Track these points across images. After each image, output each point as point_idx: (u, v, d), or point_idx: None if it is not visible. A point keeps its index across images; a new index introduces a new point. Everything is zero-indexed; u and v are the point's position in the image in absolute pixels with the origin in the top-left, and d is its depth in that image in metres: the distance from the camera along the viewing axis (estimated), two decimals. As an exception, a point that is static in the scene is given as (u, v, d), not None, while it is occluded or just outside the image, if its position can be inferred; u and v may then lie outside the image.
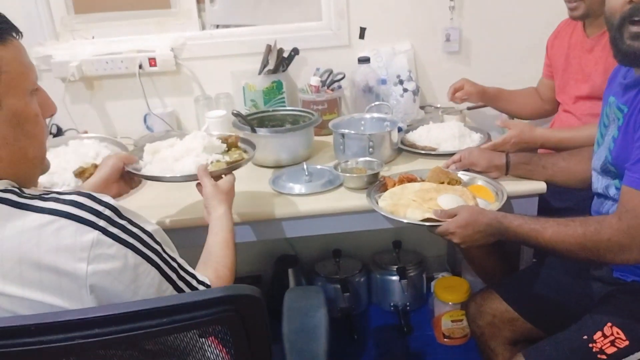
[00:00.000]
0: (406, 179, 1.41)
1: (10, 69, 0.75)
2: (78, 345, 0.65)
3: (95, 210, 0.73)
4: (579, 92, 1.59)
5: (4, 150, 0.76)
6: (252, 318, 0.71)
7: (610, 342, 1.09)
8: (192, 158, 1.23)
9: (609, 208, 1.17)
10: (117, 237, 0.74)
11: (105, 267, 0.72)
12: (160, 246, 0.80)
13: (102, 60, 1.90)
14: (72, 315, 0.65)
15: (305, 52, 1.94)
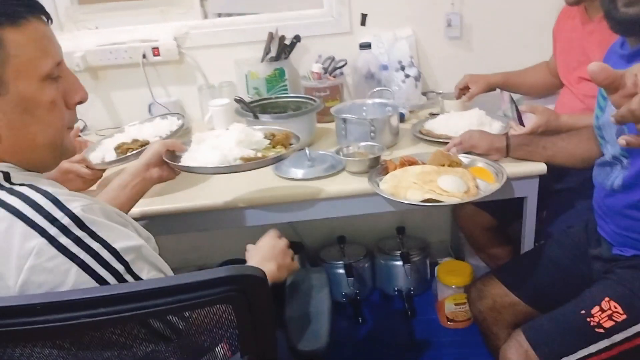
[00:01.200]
0: (407, 162, 1.42)
1: (22, 53, 0.73)
2: (84, 324, 0.66)
3: (52, 217, 0.70)
4: (581, 73, 1.59)
5: (9, 134, 0.75)
6: (256, 298, 0.73)
7: (607, 316, 1.11)
8: (224, 151, 1.20)
9: (618, 174, 1.17)
10: (65, 249, 0.69)
11: (38, 280, 0.69)
12: (126, 265, 0.74)
13: (106, 50, 1.92)
14: (78, 294, 0.66)
15: (307, 39, 1.95)
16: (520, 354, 1.16)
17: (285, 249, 1.15)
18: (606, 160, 1.23)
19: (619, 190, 1.17)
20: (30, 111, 0.75)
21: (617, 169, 1.18)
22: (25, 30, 0.74)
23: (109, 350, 0.72)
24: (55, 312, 0.65)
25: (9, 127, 0.75)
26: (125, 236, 0.76)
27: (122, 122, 2.03)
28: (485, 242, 1.86)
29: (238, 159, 1.19)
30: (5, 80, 0.72)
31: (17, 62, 0.73)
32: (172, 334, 0.74)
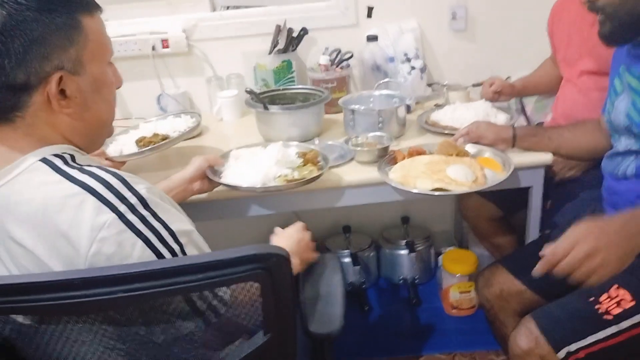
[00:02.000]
0: (415, 152, 1.45)
1: (96, 38, 0.83)
2: (120, 299, 0.69)
3: (121, 195, 0.76)
4: (584, 66, 1.61)
5: (82, 111, 0.84)
6: (280, 276, 0.76)
7: (616, 303, 1.12)
8: (264, 169, 1.32)
9: (631, 162, 1.19)
10: (132, 225, 0.76)
11: (108, 251, 0.75)
12: (181, 247, 0.81)
13: (115, 42, 1.87)
14: (115, 270, 0.69)
15: (314, 31, 1.97)
16: (530, 340, 1.18)
17: (310, 243, 1.21)
18: (618, 152, 1.25)
19: (632, 178, 1.19)
20: (99, 90, 0.86)
21: (630, 159, 1.20)
22: (97, 20, 0.85)
23: (146, 326, 0.76)
24: (94, 286, 0.68)
25: (83, 104, 0.83)
26: (180, 219, 0.84)
27: (131, 113, 2.06)
28: (490, 232, 1.88)
29: (277, 178, 1.32)
30: (83, 62, 0.82)
31: (93, 46, 0.83)
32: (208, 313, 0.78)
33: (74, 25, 0.80)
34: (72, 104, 0.82)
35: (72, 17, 0.80)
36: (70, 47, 0.80)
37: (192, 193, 1.30)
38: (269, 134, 1.68)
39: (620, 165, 1.22)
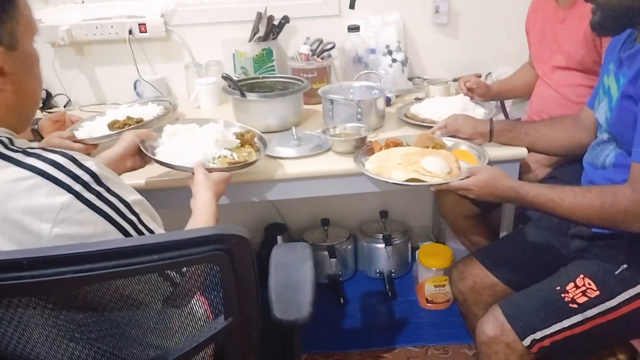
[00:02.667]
0: (392, 144, 1.44)
1: (27, 13, 0.81)
2: (68, 280, 0.66)
3: (74, 174, 0.75)
4: (555, 62, 1.62)
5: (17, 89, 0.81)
6: (240, 258, 0.74)
7: (581, 292, 1.14)
8: (202, 149, 1.27)
9: (610, 152, 1.20)
10: (91, 203, 0.75)
11: (70, 232, 0.74)
12: (138, 217, 0.81)
13: (92, 25, 1.90)
14: (62, 250, 0.66)
15: (296, 20, 1.95)
16: (496, 327, 1.19)
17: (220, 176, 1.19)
18: (599, 141, 1.26)
19: (610, 168, 1.19)
20: (30, 67, 0.84)
21: (610, 148, 1.21)
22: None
23: (101, 309, 0.73)
24: (39, 267, 0.65)
25: (18, 81, 0.81)
26: (131, 191, 0.83)
27: (106, 98, 2.02)
28: (467, 229, 1.88)
29: (217, 159, 1.28)
30: (18, 37, 0.79)
31: (25, 21, 0.80)
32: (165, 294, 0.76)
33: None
34: (9, 81, 0.80)
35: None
36: (7, 22, 0.78)
37: (124, 170, 1.24)
38: (246, 122, 1.64)
39: (600, 155, 1.23)
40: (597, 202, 1.09)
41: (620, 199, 1.06)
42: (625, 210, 1.06)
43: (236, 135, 1.38)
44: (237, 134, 1.39)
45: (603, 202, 1.08)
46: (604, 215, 1.09)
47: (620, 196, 1.06)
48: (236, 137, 1.37)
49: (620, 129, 1.14)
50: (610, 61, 1.23)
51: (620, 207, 1.06)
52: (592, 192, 1.11)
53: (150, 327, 0.78)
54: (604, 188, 1.11)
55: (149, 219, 0.84)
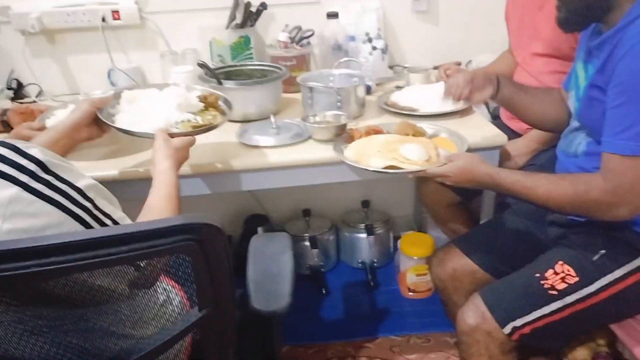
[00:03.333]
0: (372, 131, 1.42)
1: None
2: (34, 274, 0.64)
3: (18, 164, 0.72)
4: (534, 49, 1.61)
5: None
6: (213, 248, 0.72)
7: (561, 279, 1.15)
8: (163, 114, 1.21)
9: (582, 140, 1.20)
10: (41, 193, 0.72)
11: (23, 226, 0.71)
12: (93, 202, 0.79)
13: (63, 12, 1.84)
14: (28, 242, 0.64)
15: (274, 7, 1.92)
16: (477, 316, 1.19)
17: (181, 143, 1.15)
18: (571, 129, 1.26)
19: (582, 156, 1.20)
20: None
21: (581, 136, 1.21)
22: None
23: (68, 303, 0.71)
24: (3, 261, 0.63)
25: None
26: (81, 175, 0.79)
27: (79, 88, 1.97)
28: (448, 218, 1.88)
29: (180, 123, 1.22)
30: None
31: None
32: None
33: None
34: None
35: None
36: None
37: (80, 141, 1.19)
38: (224, 110, 1.62)
39: (572, 143, 1.23)
40: (570, 191, 1.09)
41: (592, 188, 1.06)
42: (597, 198, 1.06)
43: (199, 98, 1.32)
44: (200, 97, 1.32)
45: (576, 191, 1.08)
46: (577, 204, 1.09)
47: (592, 185, 1.06)
48: (199, 100, 1.31)
49: (590, 119, 1.14)
50: (581, 50, 1.23)
51: (593, 195, 1.06)
52: (566, 181, 1.11)
53: (121, 317, 0.75)
54: (576, 176, 1.12)
55: (105, 203, 0.81)
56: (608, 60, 1.06)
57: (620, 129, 1.02)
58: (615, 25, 1.06)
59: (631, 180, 1.02)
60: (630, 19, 1.03)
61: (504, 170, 1.20)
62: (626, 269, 1.13)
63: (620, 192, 1.03)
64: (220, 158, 1.38)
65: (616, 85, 1.02)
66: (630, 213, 1.05)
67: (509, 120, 1.76)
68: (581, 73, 1.19)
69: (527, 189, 1.13)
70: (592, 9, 1.09)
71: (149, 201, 1.00)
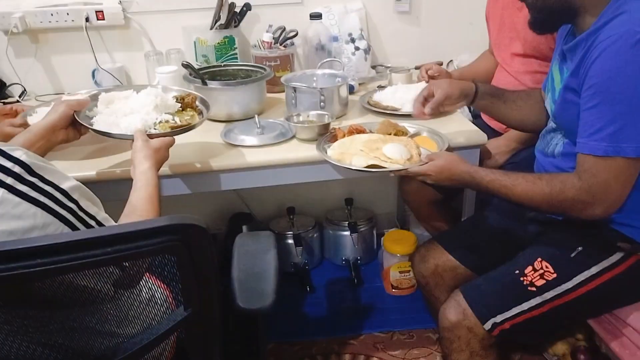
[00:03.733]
0: (355, 130, 1.45)
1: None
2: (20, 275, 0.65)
3: (3, 167, 0.72)
4: (514, 49, 1.65)
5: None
6: (198, 248, 0.73)
7: (539, 275, 1.18)
8: (141, 115, 1.23)
9: (559, 141, 1.24)
10: (26, 195, 0.73)
11: (9, 228, 0.72)
12: (77, 204, 0.80)
13: (47, 12, 1.83)
14: (14, 245, 0.65)
15: (258, 8, 1.93)
16: (458, 312, 1.21)
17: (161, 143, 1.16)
18: (548, 129, 1.29)
19: (559, 157, 1.23)
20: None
21: (558, 137, 1.24)
22: None
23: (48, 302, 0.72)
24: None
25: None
26: (65, 177, 0.80)
27: (63, 88, 1.96)
28: (430, 215, 1.91)
29: (158, 124, 1.24)
30: None
31: None
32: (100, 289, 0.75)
33: None
34: None
35: None
36: None
37: (57, 143, 1.19)
38: (209, 111, 1.63)
39: (550, 143, 1.26)
40: (547, 190, 1.11)
41: (568, 187, 1.09)
42: (573, 198, 1.09)
43: (176, 98, 1.33)
44: (177, 98, 1.34)
45: (552, 190, 1.11)
46: (553, 203, 1.11)
47: (568, 184, 1.09)
48: (176, 100, 1.33)
49: (565, 121, 1.17)
50: (556, 52, 1.26)
51: (568, 194, 1.09)
52: (542, 180, 1.13)
53: (107, 316, 0.76)
54: (553, 176, 1.14)
55: (89, 204, 0.82)
56: (581, 63, 1.09)
57: (593, 130, 1.05)
58: (588, 29, 1.10)
59: (605, 179, 1.05)
60: (601, 23, 1.07)
61: (482, 169, 1.22)
62: (602, 266, 1.16)
63: (594, 192, 1.06)
64: (205, 158, 1.39)
65: (589, 87, 1.05)
66: (604, 212, 1.08)
67: (489, 120, 1.79)
68: (556, 75, 1.23)
69: (505, 187, 1.16)
70: (556, 13, 1.13)
71: (131, 202, 1.01)
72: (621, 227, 1.16)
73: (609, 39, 1.02)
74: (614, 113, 1.02)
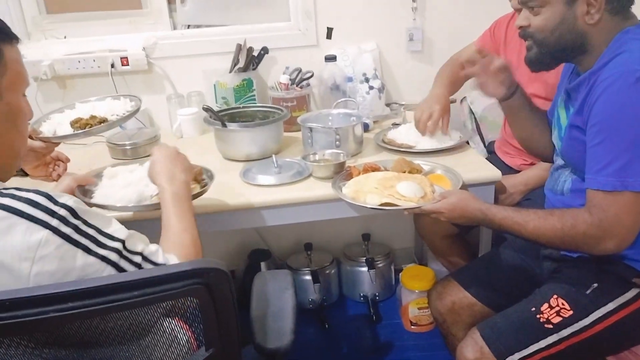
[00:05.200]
0: (370, 168, 1.48)
1: (15, 67, 0.84)
2: (53, 319, 0.68)
3: (50, 210, 0.76)
4: (533, 90, 1.66)
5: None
6: (220, 291, 0.76)
7: (556, 312, 1.17)
8: (138, 188, 1.23)
9: (567, 178, 1.25)
10: (68, 237, 0.76)
11: (50, 269, 0.75)
12: (122, 243, 0.82)
13: (74, 59, 1.93)
14: (47, 289, 0.68)
15: (275, 51, 2.00)
16: (475, 350, 1.21)
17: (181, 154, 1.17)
18: (556, 166, 1.31)
19: (568, 194, 1.24)
20: (13, 120, 0.86)
21: (566, 174, 1.26)
22: (15, 48, 0.86)
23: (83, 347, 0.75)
24: (23, 307, 0.67)
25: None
26: (109, 220, 0.84)
27: (89, 130, 2.03)
28: (445, 249, 1.92)
29: (154, 196, 1.23)
30: (1, 90, 0.82)
31: (11, 75, 0.83)
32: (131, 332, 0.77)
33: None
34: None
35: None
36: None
37: None
38: (228, 151, 1.69)
39: (558, 180, 1.28)
40: (558, 225, 1.12)
41: (579, 222, 1.10)
42: (585, 233, 1.09)
43: None
44: None
45: (563, 225, 1.12)
46: (565, 238, 1.12)
47: (580, 219, 1.10)
48: None
49: (573, 157, 1.20)
50: (560, 91, 1.29)
51: (580, 230, 1.10)
52: (554, 216, 1.14)
53: (131, 357, 0.79)
54: (564, 211, 1.15)
55: (135, 242, 0.85)
56: (584, 101, 1.12)
57: (600, 166, 1.07)
58: (591, 68, 1.13)
59: (615, 214, 1.06)
60: (603, 62, 1.10)
61: (495, 206, 1.24)
62: (618, 302, 1.16)
63: (605, 226, 1.07)
64: (225, 197, 1.43)
65: (594, 125, 1.08)
66: (617, 246, 1.09)
67: (503, 156, 1.81)
68: (562, 113, 1.26)
69: (517, 224, 1.17)
70: (567, 51, 1.16)
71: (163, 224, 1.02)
72: (635, 262, 1.16)
73: (610, 77, 1.05)
74: (619, 149, 1.04)
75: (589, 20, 1.11)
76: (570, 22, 1.13)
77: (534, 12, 1.17)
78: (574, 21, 1.13)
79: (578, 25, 1.13)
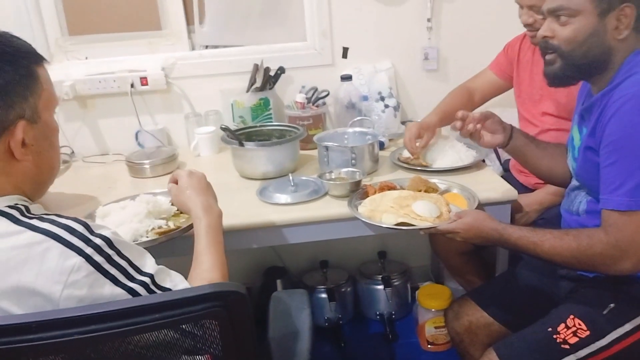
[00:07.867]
0: (386, 187, 1.48)
1: (47, 87, 0.88)
2: (76, 341, 0.70)
3: (86, 238, 0.79)
4: (546, 108, 1.66)
5: (37, 158, 0.87)
6: (238, 314, 0.77)
7: (572, 333, 1.16)
8: (132, 225, 1.21)
9: (582, 199, 1.25)
10: (99, 266, 0.79)
11: (80, 294, 0.77)
12: (151, 278, 0.84)
13: (95, 79, 1.97)
14: (70, 312, 0.71)
15: (291, 70, 2.03)
16: (492, 371, 1.20)
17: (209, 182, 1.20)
18: (572, 187, 1.31)
19: (583, 215, 1.24)
20: (50, 138, 0.91)
21: (582, 195, 1.26)
22: (46, 71, 0.89)
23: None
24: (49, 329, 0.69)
25: (37, 152, 0.87)
26: (143, 254, 0.87)
27: (109, 149, 2.08)
28: (461, 267, 1.91)
29: (151, 232, 1.22)
30: (39, 110, 0.86)
31: (47, 94, 0.87)
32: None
33: (32, 75, 0.84)
34: (29, 151, 0.86)
35: (31, 67, 0.85)
36: (30, 97, 0.84)
37: None
38: (245, 169, 1.71)
39: (574, 201, 1.28)
40: (574, 245, 1.12)
41: (595, 242, 1.09)
42: (601, 253, 1.09)
43: (172, 202, 1.26)
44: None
45: (579, 245, 1.11)
46: (582, 258, 1.12)
47: (595, 239, 1.10)
48: (172, 203, 1.27)
49: (587, 178, 1.20)
50: (575, 113, 1.29)
51: (596, 250, 1.09)
52: (570, 235, 1.14)
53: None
54: (580, 231, 1.15)
55: (165, 277, 0.87)
56: (597, 122, 1.12)
57: (614, 187, 1.07)
58: (603, 90, 1.13)
59: (631, 233, 1.06)
60: (616, 83, 1.10)
61: (510, 226, 1.24)
62: (635, 323, 1.15)
63: (622, 245, 1.07)
64: (242, 215, 1.44)
65: (606, 145, 1.08)
66: (634, 266, 1.08)
67: (518, 175, 1.81)
68: (576, 135, 1.25)
69: (533, 244, 1.17)
70: (592, 66, 1.15)
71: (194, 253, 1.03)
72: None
73: (622, 98, 1.06)
74: (632, 169, 1.04)
75: (617, 35, 1.11)
76: (600, 35, 1.12)
77: (561, 23, 1.14)
78: (603, 35, 1.12)
79: (607, 39, 1.12)
